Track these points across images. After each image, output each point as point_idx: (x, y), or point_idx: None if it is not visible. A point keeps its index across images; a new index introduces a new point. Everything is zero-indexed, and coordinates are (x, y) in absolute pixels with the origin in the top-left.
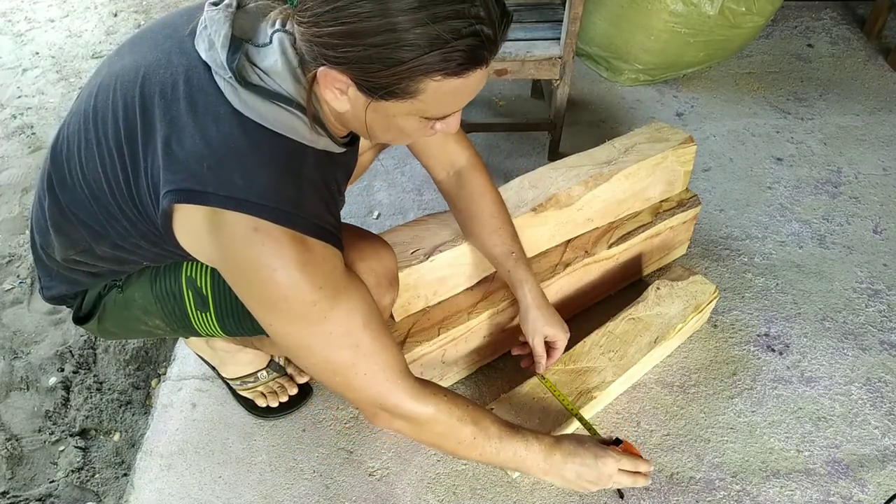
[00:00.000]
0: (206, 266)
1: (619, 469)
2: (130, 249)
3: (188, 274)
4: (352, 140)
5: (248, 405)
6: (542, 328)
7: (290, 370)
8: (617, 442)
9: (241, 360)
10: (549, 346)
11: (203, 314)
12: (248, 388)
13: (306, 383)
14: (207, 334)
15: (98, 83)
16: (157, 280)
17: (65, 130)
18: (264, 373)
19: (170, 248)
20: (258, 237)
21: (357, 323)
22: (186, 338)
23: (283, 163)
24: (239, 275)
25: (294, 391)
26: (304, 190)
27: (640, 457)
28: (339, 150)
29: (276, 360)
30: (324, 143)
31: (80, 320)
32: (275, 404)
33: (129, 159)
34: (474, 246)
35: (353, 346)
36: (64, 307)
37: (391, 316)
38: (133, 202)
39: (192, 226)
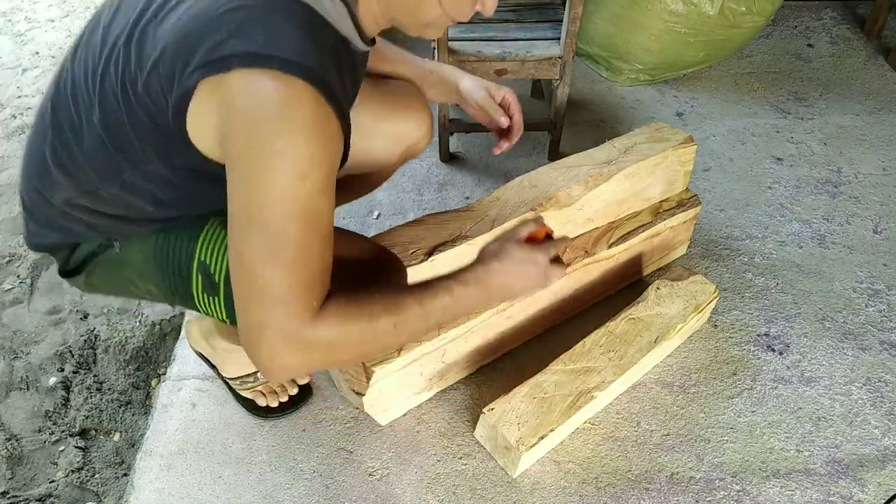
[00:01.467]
0: (222, 251)
1: (551, 261)
2: (141, 187)
3: (202, 257)
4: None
5: (249, 405)
6: (489, 86)
7: None
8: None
9: (241, 359)
10: (507, 111)
11: (211, 298)
12: (248, 388)
13: (307, 384)
14: (208, 314)
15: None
16: (164, 251)
17: (69, 63)
18: None
19: (181, 163)
20: (279, 90)
21: (320, 233)
22: (173, 306)
23: (309, 27)
24: (243, 128)
25: (294, 391)
26: (328, 60)
27: (552, 236)
28: (360, 44)
29: None
30: (348, 29)
31: (66, 273)
32: (275, 404)
33: (136, 50)
34: (381, 70)
35: (301, 249)
36: (62, 312)
37: None
38: (145, 99)
39: (209, 100)
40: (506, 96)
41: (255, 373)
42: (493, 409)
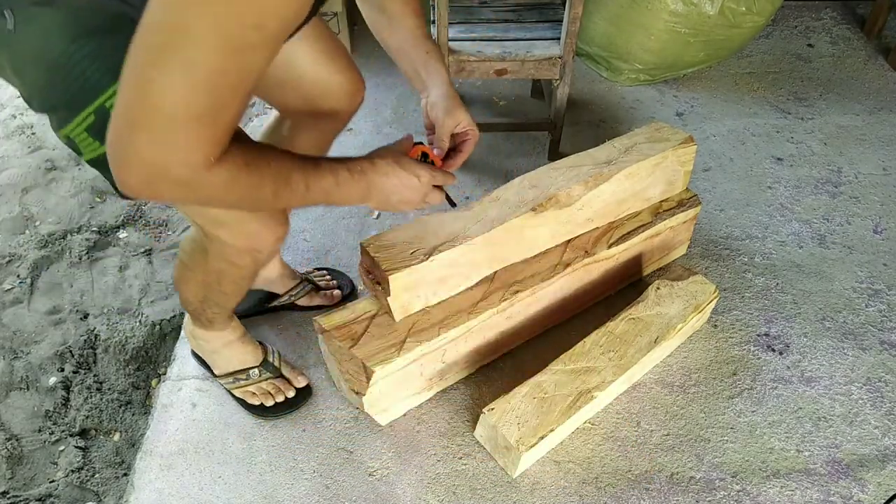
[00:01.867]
0: None
1: (433, 185)
2: None
3: (109, 103)
4: None
5: (246, 405)
6: (457, 110)
7: (285, 373)
8: (424, 157)
9: (234, 353)
10: (459, 144)
11: (92, 141)
12: (239, 387)
13: (306, 385)
14: (72, 150)
15: None
16: (71, 64)
17: None
18: (256, 371)
19: None
20: None
21: (245, 81)
22: (34, 110)
23: None
24: None
25: (291, 393)
26: None
27: (442, 169)
28: None
29: (271, 360)
30: None
31: None
32: (269, 403)
33: None
34: (388, 46)
35: (224, 88)
36: (62, 312)
37: (390, 313)
38: None
39: None
40: (469, 133)
41: (247, 370)
42: (493, 409)
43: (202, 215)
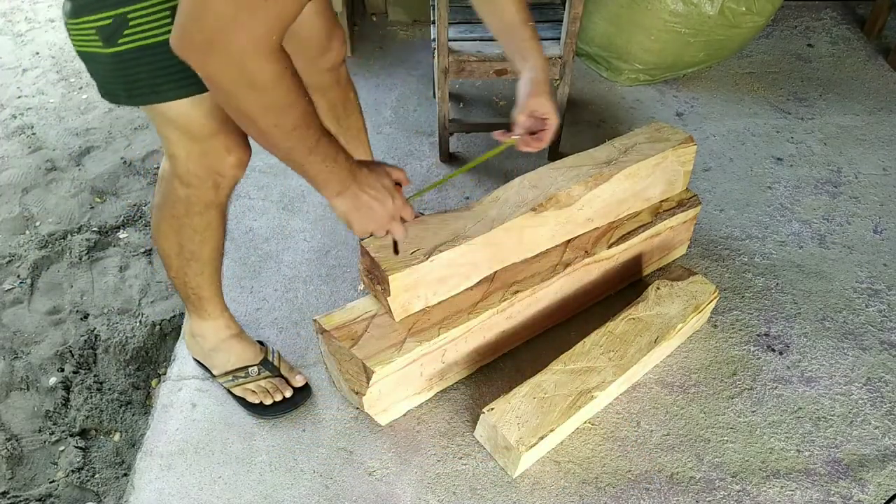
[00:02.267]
0: (151, 26)
1: (401, 217)
2: None
3: (130, 15)
4: None
5: (245, 403)
6: (540, 97)
7: (284, 372)
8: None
9: (232, 350)
10: (538, 132)
11: (95, 43)
12: (239, 385)
13: (305, 385)
14: (72, 40)
15: None
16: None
17: None
18: (255, 369)
19: None
20: None
21: None
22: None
23: None
24: None
25: (288, 393)
26: None
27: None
28: None
29: (270, 360)
30: None
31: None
32: (268, 401)
33: None
34: (491, 26)
35: None
36: (62, 312)
37: (390, 313)
38: None
39: None
40: (549, 122)
41: (246, 368)
42: (493, 409)
43: (173, 131)
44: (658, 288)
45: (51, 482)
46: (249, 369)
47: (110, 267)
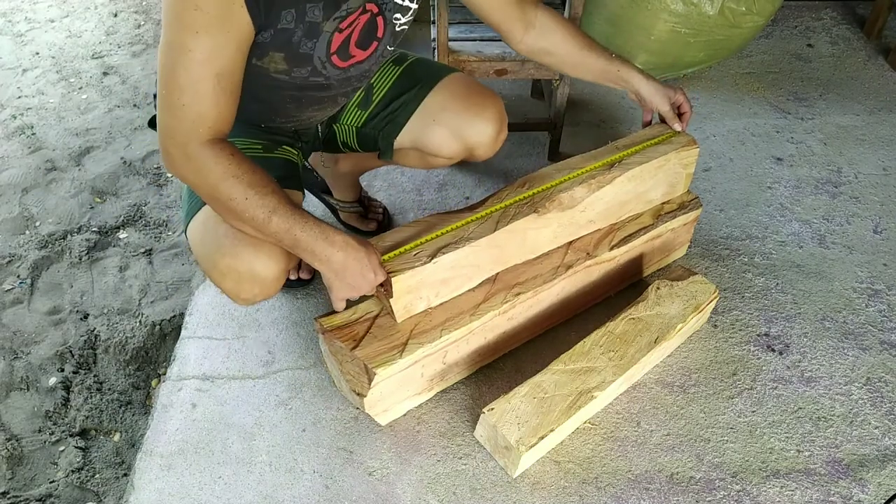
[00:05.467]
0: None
1: (377, 285)
2: None
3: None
4: None
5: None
6: (668, 92)
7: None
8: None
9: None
10: (680, 115)
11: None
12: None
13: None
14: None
15: None
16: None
17: None
18: None
19: None
20: None
21: (212, 66)
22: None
23: None
24: None
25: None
26: None
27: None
28: None
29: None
30: None
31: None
32: (294, 277)
33: None
34: (575, 75)
35: (194, 79)
36: (62, 312)
37: (392, 314)
38: None
39: None
40: (678, 98)
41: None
42: (493, 409)
43: (206, 266)
44: (658, 288)
45: (51, 482)
46: None
47: (110, 267)
